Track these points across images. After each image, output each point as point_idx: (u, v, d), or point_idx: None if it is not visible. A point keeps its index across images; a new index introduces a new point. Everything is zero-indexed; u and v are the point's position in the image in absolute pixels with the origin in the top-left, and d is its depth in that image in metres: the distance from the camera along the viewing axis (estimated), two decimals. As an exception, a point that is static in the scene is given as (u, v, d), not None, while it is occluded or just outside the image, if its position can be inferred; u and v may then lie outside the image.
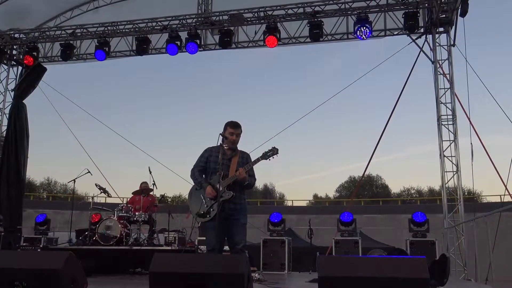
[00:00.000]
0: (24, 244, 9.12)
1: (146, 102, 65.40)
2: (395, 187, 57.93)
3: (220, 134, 4.78)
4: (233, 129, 4.89)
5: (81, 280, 4.03)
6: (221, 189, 4.63)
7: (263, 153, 4.80)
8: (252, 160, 4.86)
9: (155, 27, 11.24)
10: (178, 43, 11.02)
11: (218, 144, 4.80)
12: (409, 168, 65.20)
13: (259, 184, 49.17)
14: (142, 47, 11.28)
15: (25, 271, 3.79)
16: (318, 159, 67.08)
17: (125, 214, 9.46)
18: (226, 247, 5.10)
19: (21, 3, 12.15)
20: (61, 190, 43.86)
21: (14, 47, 12.82)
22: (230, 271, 3.52)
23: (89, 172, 9.92)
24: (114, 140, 66.60)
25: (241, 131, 4.95)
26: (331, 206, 33.57)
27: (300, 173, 72.48)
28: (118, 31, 11.45)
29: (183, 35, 11.21)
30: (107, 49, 11.41)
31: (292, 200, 42.47)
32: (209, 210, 4.79)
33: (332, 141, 68.21)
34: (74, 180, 9.90)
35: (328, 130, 67.21)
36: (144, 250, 8.78)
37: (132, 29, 11.43)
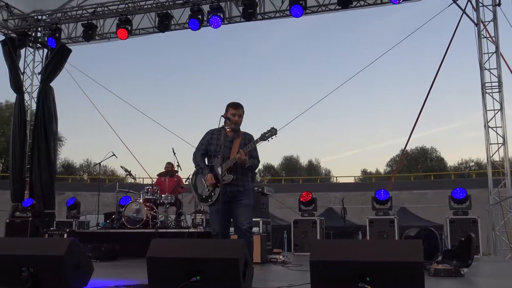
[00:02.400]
0: (51, 229, 9.69)
1: (171, 80, 66.07)
2: (452, 160, 56.60)
3: (222, 115, 4.90)
4: (235, 110, 5.00)
5: (86, 266, 4.31)
6: (221, 172, 4.78)
7: (261, 134, 4.88)
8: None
9: (177, 2, 11.41)
10: (200, 17, 11.14)
11: (220, 126, 4.95)
12: (468, 139, 63.41)
13: (303, 160, 49.23)
14: (164, 24, 11.47)
15: (31, 257, 4.10)
16: (369, 131, 66.30)
17: (151, 197, 9.86)
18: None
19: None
20: (101, 171, 45.40)
21: (39, 29, 13.32)
22: (225, 256, 3.68)
23: (114, 155, 10.34)
24: (140, 120, 68.00)
25: (243, 112, 5.06)
26: (379, 182, 33.24)
27: (348, 147, 71.99)
28: (139, 8, 11.70)
29: (207, 8, 11.32)
30: (129, 27, 11.68)
31: (336, 177, 42.33)
32: (210, 194, 4.97)
33: (384, 113, 67.10)
34: (99, 164, 10.36)
35: (380, 100, 66.09)
36: (170, 232, 9.14)
37: (153, 5, 11.64)
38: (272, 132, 4.81)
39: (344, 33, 66.02)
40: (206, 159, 5.17)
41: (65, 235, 8.88)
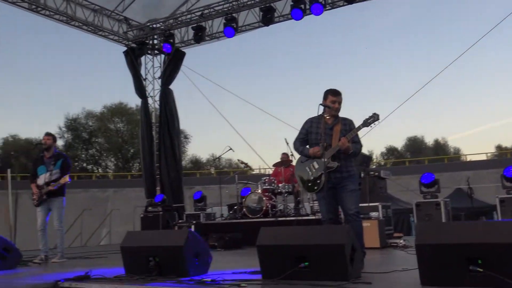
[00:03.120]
0: (180, 221, 10.47)
1: (282, 72, 66.17)
2: None
3: (320, 104, 4.94)
4: (335, 97, 5.00)
5: (205, 255, 4.65)
6: (325, 160, 4.84)
7: (363, 120, 4.90)
8: (356, 126, 4.97)
9: (279, -6, 11.57)
10: (302, 6, 11.18)
11: (319, 114, 5.00)
12: None
13: (429, 140, 47.08)
14: (267, 17, 11.70)
15: (156, 248, 4.54)
16: (504, 103, 61.29)
17: (269, 187, 10.20)
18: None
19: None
20: (226, 164, 47.43)
21: (155, 36, 14.31)
22: (330, 242, 3.76)
23: (231, 149, 10.83)
24: (254, 112, 68.93)
25: (342, 99, 5.04)
26: (515, 157, 30.65)
27: (479, 122, 67.24)
28: (243, 5, 12.05)
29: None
30: (235, 25, 12.09)
31: (466, 155, 39.80)
32: (315, 181, 5.04)
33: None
34: (218, 158, 10.92)
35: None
36: (289, 220, 9.39)
37: (257, 0, 11.91)
38: (375, 117, 4.80)
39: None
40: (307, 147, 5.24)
41: (192, 227, 9.54)
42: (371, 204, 8.86)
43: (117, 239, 14.76)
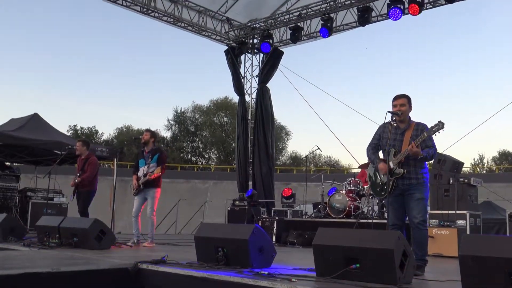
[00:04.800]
0: (264, 216, 10.92)
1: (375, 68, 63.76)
2: None
3: (388, 111, 5.04)
4: (394, 101, 5.11)
5: (269, 249, 5.00)
6: (392, 166, 4.95)
7: (428, 128, 4.93)
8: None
9: (377, -6, 11.55)
10: (401, 6, 11.05)
11: (386, 121, 5.11)
12: None
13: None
14: (364, 17, 11.73)
15: (225, 240, 4.97)
16: None
17: (354, 188, 10.31)
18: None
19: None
20: (326, 162, 47.34)
21: (255, 36, 14.89)
22: (380, 246, 3.92)
23: (318, 148, 11.12)
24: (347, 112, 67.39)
25: (408, 101, 5.08)
26: None
27: None
28: (341, 5, 12.17)
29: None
30: (329, 24, 12.26)
31: None
32: (383, 187, 5.17)
33: None
34: (306, 157, 11.21)
35: None
36: (371, 223, 9.42)
37: (353, 0, 11.97)
38: (439, 126, 4.82)
39: None
40: (380, 152, 5.36)
41: (275, 223, 9.93)
42: (458, 212, 8.67)
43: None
